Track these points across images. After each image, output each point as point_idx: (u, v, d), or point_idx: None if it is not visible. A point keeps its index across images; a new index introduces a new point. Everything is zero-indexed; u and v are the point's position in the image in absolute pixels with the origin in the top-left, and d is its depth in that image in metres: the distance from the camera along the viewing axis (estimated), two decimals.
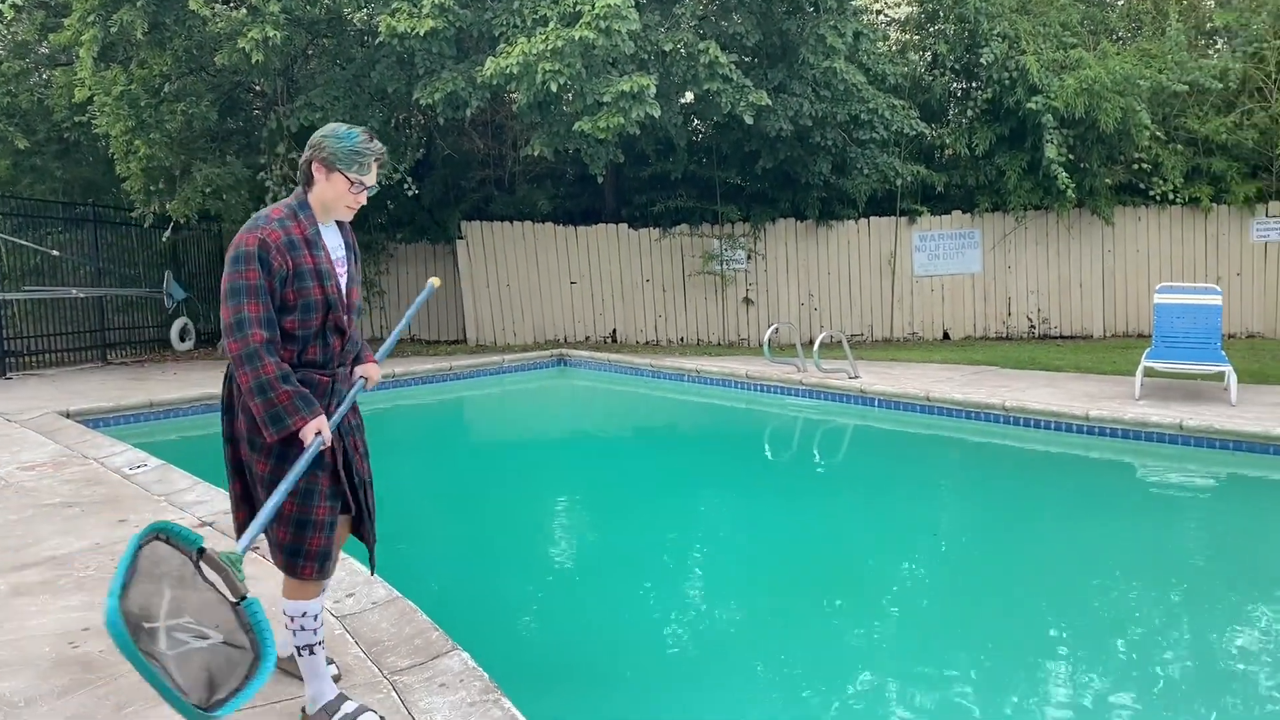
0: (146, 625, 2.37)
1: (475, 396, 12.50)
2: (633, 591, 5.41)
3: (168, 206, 13.44)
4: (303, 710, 3.25)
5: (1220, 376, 9.29)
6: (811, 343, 11.97)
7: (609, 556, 6.21)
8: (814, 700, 4.12)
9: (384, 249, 16.56)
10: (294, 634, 3.20)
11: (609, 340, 15.58)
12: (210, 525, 5.45)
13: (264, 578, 4.60)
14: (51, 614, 4.18)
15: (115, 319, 15.05)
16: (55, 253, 13.93)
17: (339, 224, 3.34)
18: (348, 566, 4.61)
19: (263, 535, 3.07)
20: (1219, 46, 15.53)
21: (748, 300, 15.37)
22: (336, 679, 3.48)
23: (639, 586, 5.49)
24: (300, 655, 3.20)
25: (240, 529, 3.25)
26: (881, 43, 15.47)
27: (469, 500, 7.50)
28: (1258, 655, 4.49)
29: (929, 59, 15.71)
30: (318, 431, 3.01)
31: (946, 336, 15.07)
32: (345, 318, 3.23)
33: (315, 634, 3.19)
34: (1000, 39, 13.90)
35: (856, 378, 10.75)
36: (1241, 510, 7.11)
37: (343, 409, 3.20)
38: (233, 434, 3.19)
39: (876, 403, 10.19)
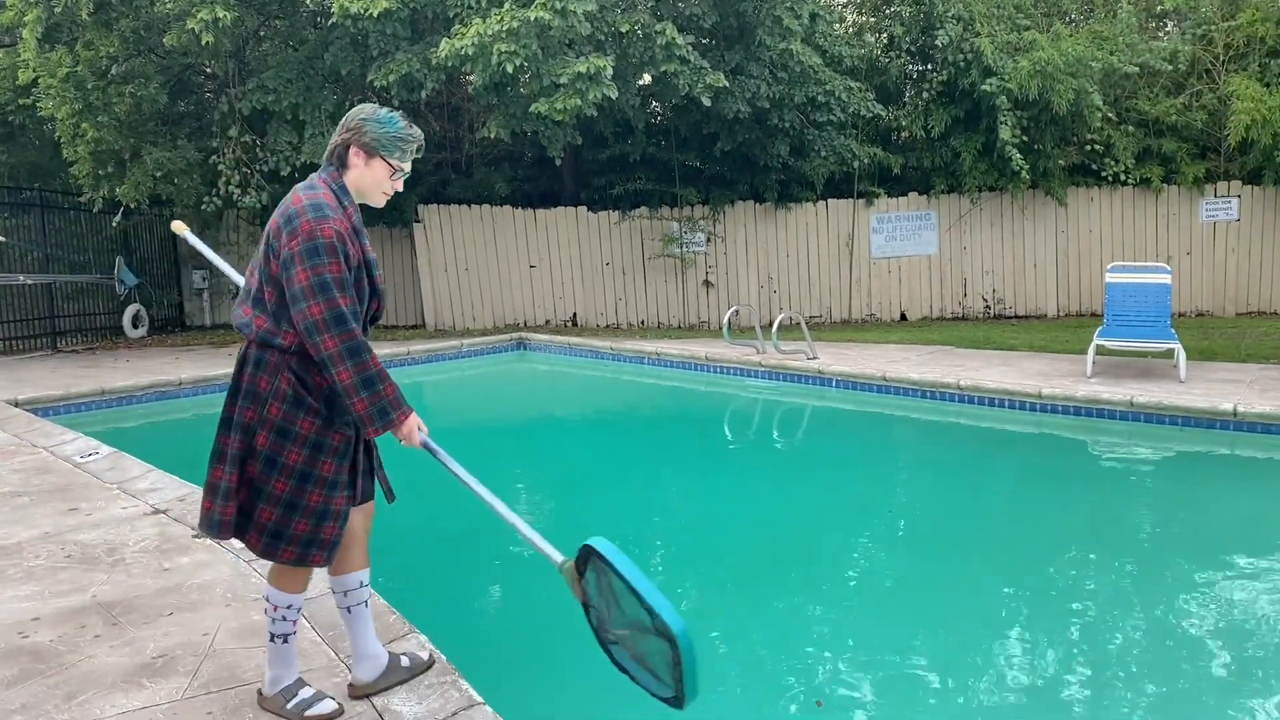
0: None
1: (433, 381, 12.43)
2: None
3: (117, 191, 13.20)
4: (259, 692, 3.22)
5: (1170, 354, 9.45)
6: (771, 325, 12.03)
7: (569, 538, 6.21)
8: (773, 676, 4.16)
9: None
10: (273, 621, 3.11)
11: (569, 324, 15.55)
12: (164, 513, 5.39)
13: (217, 564, 4.56)
14: (1, 604, 4.11)
15: (65, 306, 14.77)
16: (1, 239, 13.64)
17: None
18: None
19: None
20: (1169, 29, 15.75)
21: (707, 283, 15.40)
22: (429, 666, 3.43)
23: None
24: (274, 642, 3.13)
25: (225, 524, 3.00)
26: (838, 25, 15.55)
27: (426, 485, 7.46)
28: (1206, 620, 4.60)
29: (885, 41, 15.79)
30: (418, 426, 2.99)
31: (904, 317, 15.21)
32: (381, 303, 3.16)
33: (293, 624, 3.14)
34: (955, 21, 14.00)
35: (815, 359, 10.82)
36: (1189, 483, 7.26)
37: None
38: (246, 422, 2.95)
39: (834, 383, 10.26)
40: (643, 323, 15.54)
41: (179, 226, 3.75)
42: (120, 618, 3.95)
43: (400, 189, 3.14)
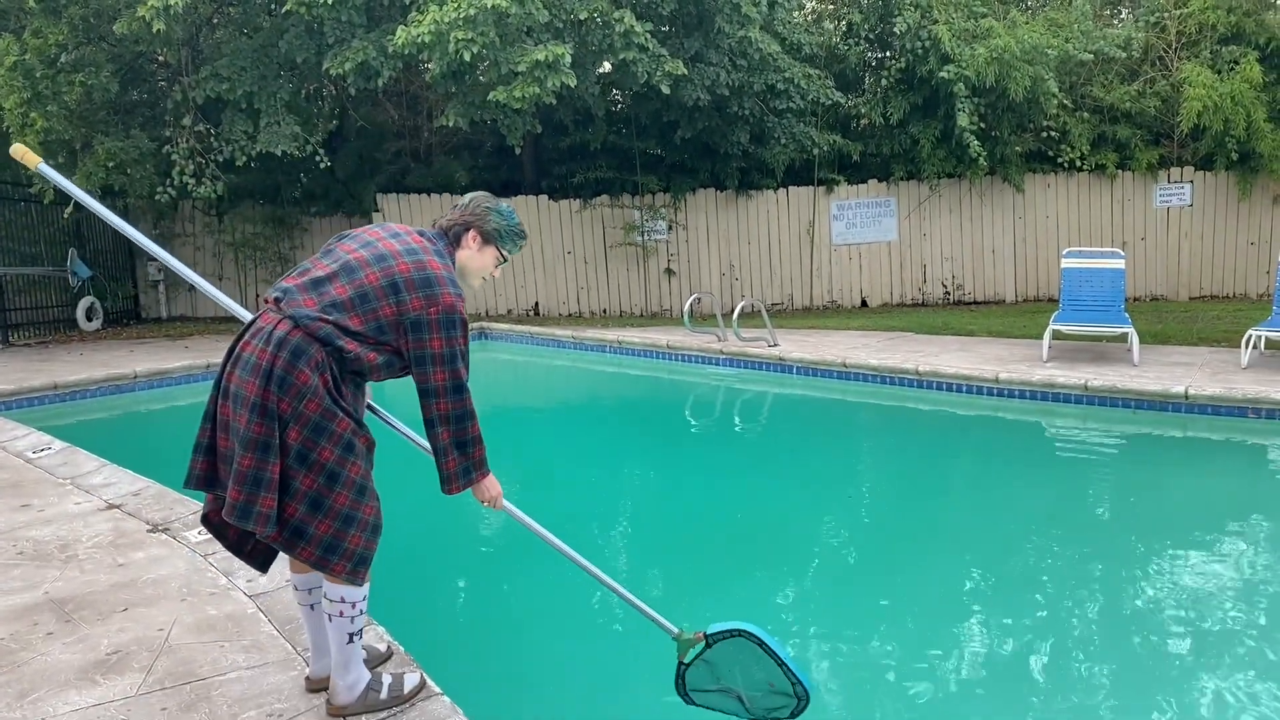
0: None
1: None
2: (553, 562, 5.43)
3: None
4: (328, 703, 3.10)
5: (1124, 338, 9.60)
6: (732, 312, 12.06)
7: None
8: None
9: (298, 223, 16.23)
10: (351, 620, 3.01)
11: (531, 313, 15.51)
12: (119, 508, 5.32)
13: (172, 559, 4.51)
14: None
15: (17, 299, 14.49)
16: None
17: None
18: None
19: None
20: (1123, 16, 15.95)
21: (669, 271, 15.42)
22: (387, 657, 3.46)
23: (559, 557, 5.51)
24: (351, 643, 3.04)
25: (263, 516, 2.84)
26: (797, 12, 15.57)
27: (384, 478, 7.42)
28: (1161, 598, 4.68)
29: (844, 28, 15.84)
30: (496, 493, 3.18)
31: (864, 304, 15.31)
32: None
33: (362, 619, 3.06)
34: (913, 8, 14.07)
35: (775, 346, 10.87)
36: (1143, 464, 7.39)
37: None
38: (280, 413, 2.83)
39: (795, 370, 10.32)
40: (605, 311, 15.53)
41: (19, 151, 3.18)
42: (73, 614, 3.89)
43: (496, 276, 3.38)
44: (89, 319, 14.80)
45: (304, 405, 2.84)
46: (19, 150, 3.15)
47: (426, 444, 3.06)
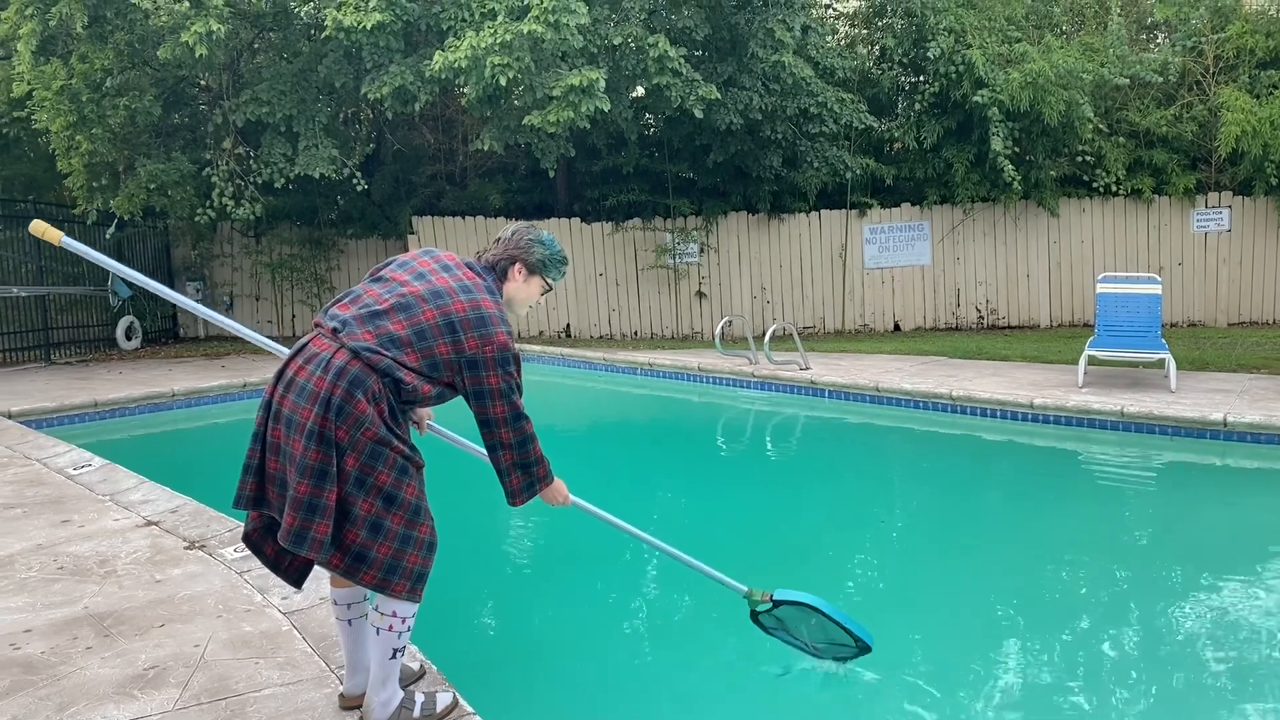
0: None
1: None
2: (587, 583, 5.44)
3: (111, 203, 13.21)
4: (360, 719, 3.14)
5: (1161, 364, 9.50)
6: (764, 335, 12.06)
7: (562, 550, 6.23)
8: (766, 684, 4.17)
9: (334, 245, 16.42)
10: (398, 635, 3.03)
11: (563, 335, 15.58)
12: (156, 524, 5.39)
13: (208, 575, 4.56)
14: None
15: (59, 318, 14.76)
16: None
17: None
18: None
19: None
20: (1159, 41, 15.86)
21: (700, 293, 15.44)
22: (419, 676, 3.48)
23: (593, 578, 5.52)
24: (394, 658, 3.06)
25: (318, 541, 2.89)
26: (830, 37, 15.62)
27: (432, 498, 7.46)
28: (1200, 629, 4.61)
29: (877, 53, 15.88)
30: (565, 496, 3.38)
31: (897, 328, 15.25)
32: None
33: (408, 635, 3.09)
34: (947, 33, 14.08)
35: (807, 369, 10.85)
36: (1181, 493, 7.29)
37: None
38: (336, 441, 2.87)
39: (827, 393, 10.29)
40: (636, 333, 15.57)
41: (39, 228, 3.20)
42: (112, 629, 3.95)
43: (541, 304, 3.44)
44: (128, 338, 15.03)
45: (361, 433, 2.90)
46: (39, 227, 3.19)
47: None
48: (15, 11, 11.90)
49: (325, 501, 2.88)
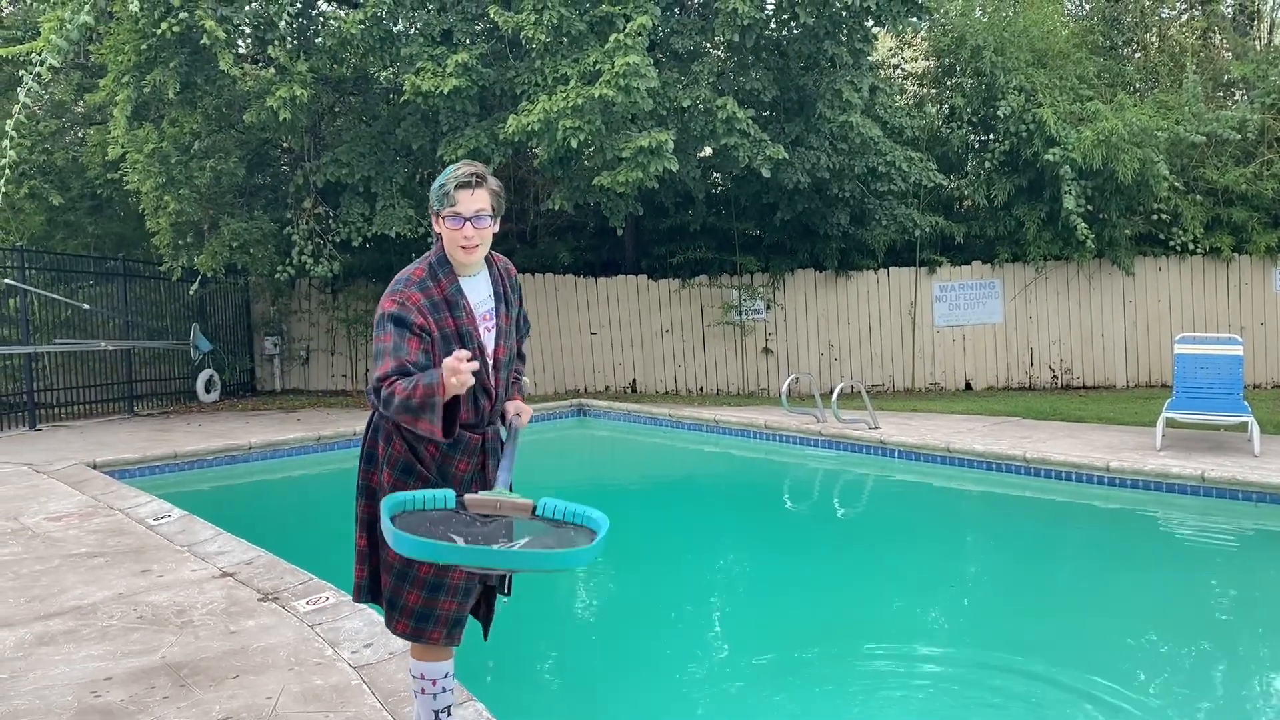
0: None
1: None
2: (650, 644, 5.41)
3: (196, 260, 13.69)
4: None
5: (1244, 427, 9.23)
6: (831, 393, 11.98)
7: (628, 608, 6.22)
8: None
9: None
10: (433, 697, 3.04)
11: (628, 390, 15.65)
12: (232, 575, 5.51)
13: (281, 627, 4.64)
14: (75, 663, 4.24)
15: (142, 371, 15.26)
16: (86, 306, 14.19)
17: (492, 271, 3.22)
18: (365, 616, 4.65)
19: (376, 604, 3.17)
20: (1237, 98, 15.61)
21: (767, 350, 15.42)
22: None
23: (656, 638, 5.49)
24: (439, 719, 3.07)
25: (359, 588, 3.11)
26: (898, 96, 15.66)
27: None
28: None
29: (946, 112, 15.87)
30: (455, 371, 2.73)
31: (969, 387, 15.04)
32: (490, 378, 3.11)
33: (448, 695, 3.07)
34: (1017, 92, 14.04)
35: (876, 428, 10.74)
36: (1267, 562, 7.03)
37: (510, 460, 2.97)
38: (370, 486, 3.07)
39: (896, 454, 10.17)
40: (701, 390, 15.57)
41: None
42: (188, 679, 4.04)
43: (474, 237, 2.99)
44: (208, 391, 15.46)
45: (381, 475, 3.10)
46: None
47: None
48: (113, 79, 12.49)
49: (356, 545, 3.13)
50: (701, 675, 5.01)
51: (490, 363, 3.11)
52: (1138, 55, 16.58)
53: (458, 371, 2.69)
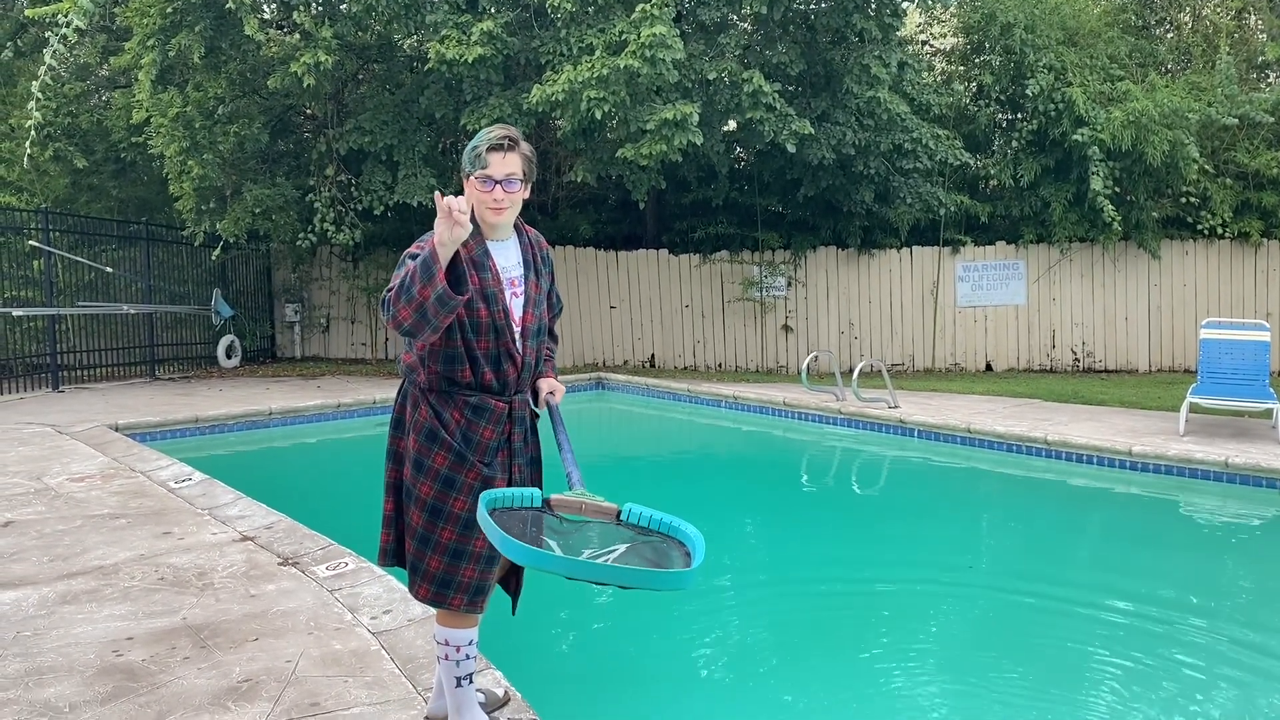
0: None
1: None
2: (664, 616, 5.42)
3: (218, 226, 13.73)
4: None
5: (1269, 414, 9.14)
6: (851, 371, 11.93)
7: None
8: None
9: None
10: (457, 664, 3.05)
11: (647, 364, 15.63)
12: (252, 540, 5.54)
13: (300, 592, 4.67)
14: (98, 622, 4.27)
15: (164, 335, 15.35)
16: (109, 269, 14.26)
17: (523, 240, 3.20)
18: (385, 583, 4.67)
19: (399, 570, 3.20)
20: (1271, 80, 15.37)
21: (787, 327, 15.36)
22: (504, 703, 3.45)
23: (671, 611, 5.50)
24: (460, 687, 3.08)
25: (384, 552, 3.14)
26: (926, 73, 15.48)
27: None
28: None
29: (974, 90, 15.69)
30: (449, 210, 2.67)
31: (989, 368, 14.95)
32: (516, 344, 3.06)
33: (470, 663, 3.08)
34: (1046, 71, 13.86)
35: (896, 407, 10.69)
36: None
37: (569, 449, 2.97)
38: (398, 452, 3.10)
39: (916, 433, 10.12)
40: (720, 365, 15.54)
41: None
42: (208, 641, 4.07)
43: (504, 200, 2.99)
44: (229, 356, 15.54)
45: (408, 441, 3.13)
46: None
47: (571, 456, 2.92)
48: (138, 43, 12.50)
49: (384, 509, 3.20)
50: (715, 648, 5.01)
51: (517, 330, 3.07)
52: (1170, 35, 16.33)
53: (450, 211, 2.63)
